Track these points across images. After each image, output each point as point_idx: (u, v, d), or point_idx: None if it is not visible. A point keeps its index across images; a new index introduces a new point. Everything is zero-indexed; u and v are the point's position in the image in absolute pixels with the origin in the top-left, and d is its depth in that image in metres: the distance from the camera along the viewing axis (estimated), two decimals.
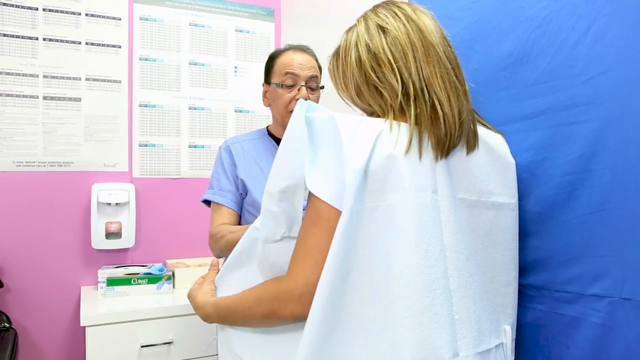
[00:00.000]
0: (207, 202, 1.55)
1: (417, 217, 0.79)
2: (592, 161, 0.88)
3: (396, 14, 0.89)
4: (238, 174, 1.50)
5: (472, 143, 0.89)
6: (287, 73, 1.45)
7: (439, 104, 0.84)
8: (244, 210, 1.52)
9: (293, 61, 1.46)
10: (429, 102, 0.84)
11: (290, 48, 1.51)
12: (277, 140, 1.53)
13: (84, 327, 1.72)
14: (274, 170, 0.85)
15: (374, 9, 0.93)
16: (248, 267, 0.95)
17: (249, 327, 0.93)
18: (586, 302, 0.90)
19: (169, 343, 1.81)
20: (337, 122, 0.78)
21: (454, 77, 0.87)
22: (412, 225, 0.78)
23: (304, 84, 1.45)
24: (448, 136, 0.84)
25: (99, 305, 1.82)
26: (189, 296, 1.05)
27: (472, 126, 0.89)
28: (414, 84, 0.84)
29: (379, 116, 0.88)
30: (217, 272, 1.05)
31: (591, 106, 0.88)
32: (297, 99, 1.42)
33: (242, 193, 1.50)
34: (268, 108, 1.57)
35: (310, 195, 0.79)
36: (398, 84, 0.85)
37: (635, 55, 0.82)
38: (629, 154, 0.83)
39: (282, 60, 1.48)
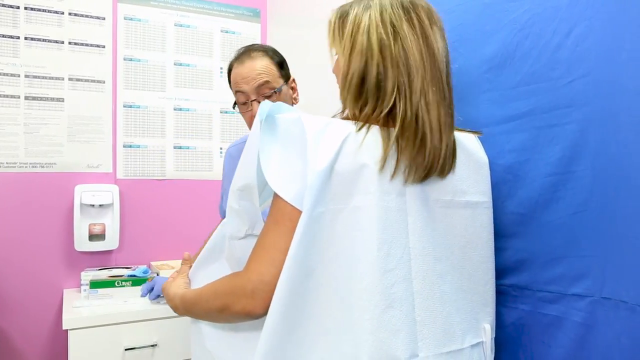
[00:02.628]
0: None
1: (381, 220, 0.78)
2: (574, 162, 0.90)
3: (411, 21, 0.82)
4: (224, 181, 1.52)
5: (446, 169, 0.86)
6: (237, 92, 1.35)
7: (430, 135, 0.81)
8: None
9: (237, 76, 1.34)
10: (420, 130, 0.80)
11: (236, 59, 1.36)
12: None
13: (67, 330, 1.69)
14: (237, 169, 0.86)
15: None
16: (220, 262, 0.97)
17: (210, 320, 0.94)
18: (568, 302, 0.91)
19: (153, 346, 1.79)
20: (303, 123, 0.78)
21: (448, 109, 0.84)
22: (375, 228, 0.78)
23: (254, 97, 1.32)
24: (428, 167, 0.82)
25: (82, 308, 1.80)
26: (163, 289, 1.06)
27: (452, 154, 0.86)
28: (410, 109, 0.80)
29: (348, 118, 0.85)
30: (190, 266, 1.07)
31: (573, 108, 0.90)
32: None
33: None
34: None
35: (274, 194, 0.79)
36: (389, 101, 0.80)
37: (615, 58, 0.84)
38: (609, 155, 0.85)
39: (232, 77, 1.38)
